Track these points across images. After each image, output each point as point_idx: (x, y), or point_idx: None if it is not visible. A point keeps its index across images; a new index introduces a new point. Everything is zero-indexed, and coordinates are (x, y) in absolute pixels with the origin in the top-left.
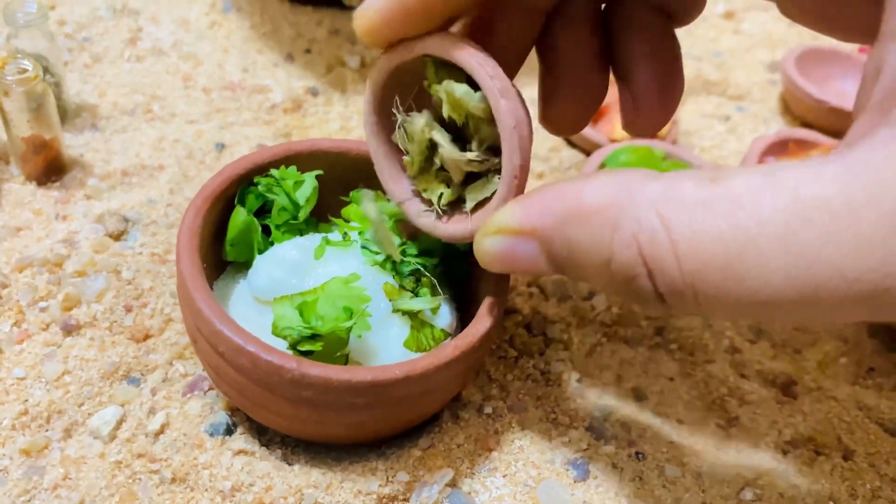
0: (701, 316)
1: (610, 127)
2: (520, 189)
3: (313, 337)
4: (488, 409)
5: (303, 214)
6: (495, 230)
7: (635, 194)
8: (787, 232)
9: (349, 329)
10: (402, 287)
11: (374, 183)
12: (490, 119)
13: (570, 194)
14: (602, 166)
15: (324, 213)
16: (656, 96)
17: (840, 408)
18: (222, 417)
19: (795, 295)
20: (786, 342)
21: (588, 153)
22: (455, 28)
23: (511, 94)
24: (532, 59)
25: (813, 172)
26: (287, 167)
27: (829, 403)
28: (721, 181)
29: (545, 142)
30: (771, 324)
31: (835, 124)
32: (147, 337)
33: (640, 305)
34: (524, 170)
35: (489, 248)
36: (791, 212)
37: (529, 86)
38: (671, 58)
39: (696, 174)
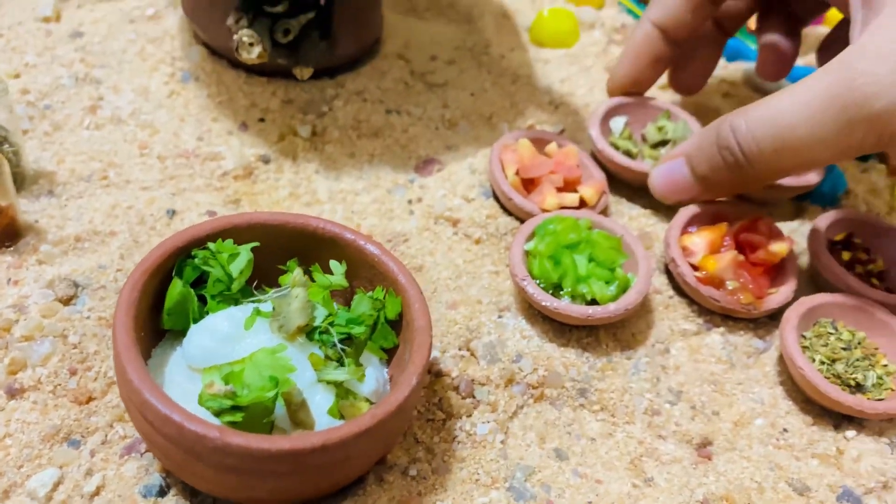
0: (757, 169)
1: (541, 198)
2: None
3: (235, 408)
4: (413, 472)
5: (236, 286)
6: (663, 161)
7: (729, 114)
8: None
9: (274, 398)
10: (327, 357)
11: (310, 252)
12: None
13: (700, 132)
14: (533, 234)
15: (265, 279)
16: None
17: (753, 468)
18: (156, 479)
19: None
20: (704, 404)
21: (522, 221)
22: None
23: None
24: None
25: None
26: (224, 240)
27: (743, 464)
28: (767, 99)
29: (482, 210)
30: (795, 167)
31: (759, 193)
32: (90, 400)
33: (728, 169)
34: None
35: (658, 171)
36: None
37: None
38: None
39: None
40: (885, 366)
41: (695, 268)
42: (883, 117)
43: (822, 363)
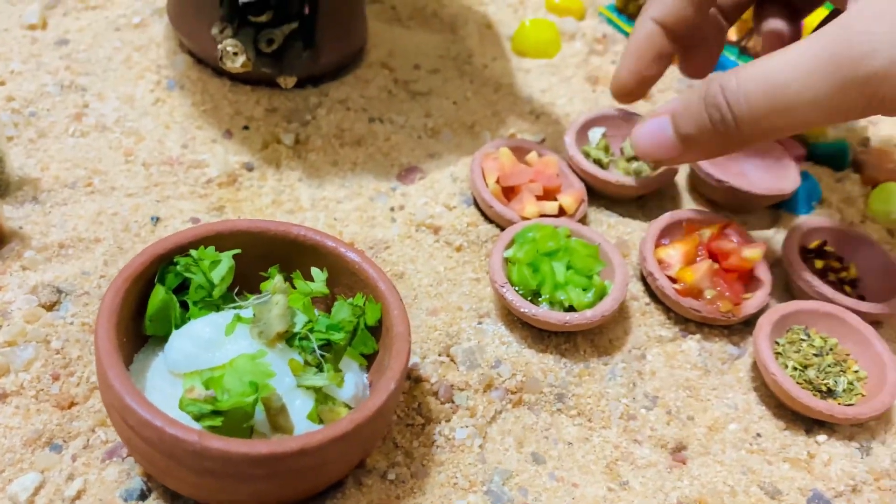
0: (745, 127)
1: (521, 206)
2: None
3: (215, 413)
4: (392, 476)
5: (217, 292)
6: (646, 118)
7: (719, 73)
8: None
9: (254, 402)
10: (307, 363)
11: (291, 259)
12: None
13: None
14: (513, 241)
15: (247, 285)
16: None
17: (726, 472)
18: (137, 483)
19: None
20: (680, 409)
21: (502, 228)
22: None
23: None
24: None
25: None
26: (206, 247)
27: (716, 468)
28: (759, 60)
29: (463, 217)
30: (786, 128)
31: (735, 202)
32: (72, 405)
33: (713, 128)
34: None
35: (641, 129)
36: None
37: None
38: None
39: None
40: (856, 371)
41: (672, 279)
42: (877, 75)
43: (795, 369)
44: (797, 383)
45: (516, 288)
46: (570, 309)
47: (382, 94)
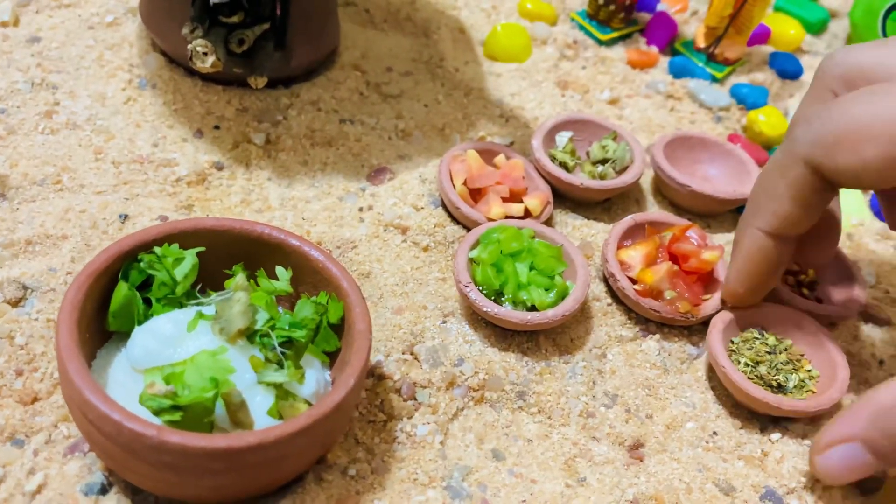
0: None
1: (487, 207)
2: None
3: (174, 408)
4: (352, 471)
5: (181, 289)
6: (825, 446)
7: None
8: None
9: (214, 398)
10: (267, 359)
11: (257, 258)
12: None
13: (870, 401)
14: (478, 242)
15: (212, 283)
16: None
17: (682, 469)
18: (98, 477)
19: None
20: (639, 407)
21: (468, 229)
22: None
23: None
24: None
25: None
26: (171, 244)
27: (673, 465)
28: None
29: (430, 218)
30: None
31: (698, 206)
32: (35, 400)
33: None
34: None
35: (825, 461)
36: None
37: None
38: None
39: None
40: (809, 371)
41: (633, 280)
42: None
43: (747, 365)
44: (748, 378)
45: (480, 288)
46: (533, 309)
47: (354, 95)
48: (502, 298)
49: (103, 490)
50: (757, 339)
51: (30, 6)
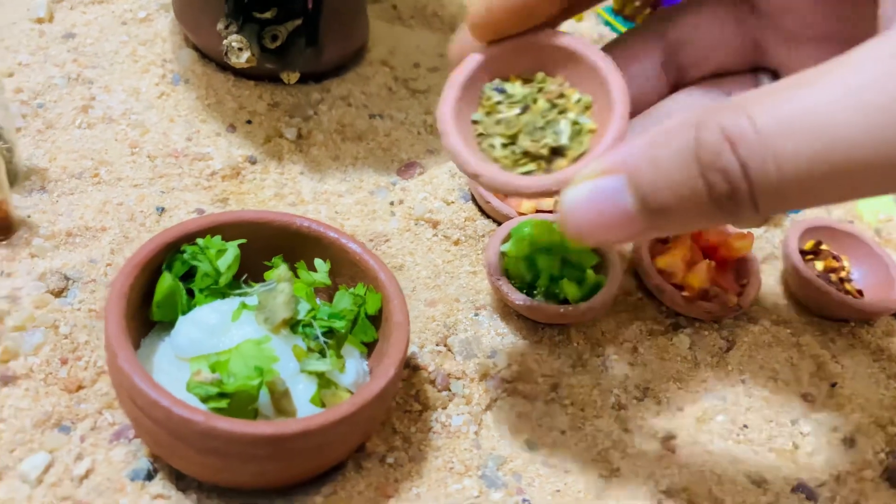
0: (774, 203)
1: (518, 201)
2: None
3: (221, 395)
4: (390, 460)
5: (223, 280)
6: (581, 178)
7: (714, 108)
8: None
9: (258, 386)
10: (309, 349)
11: (295, 250)
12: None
13: (651, 132)
14: (509, 236)
15: (251, 274)
16: None
17: (713, 461)
18: (144, 463)
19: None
20: (670, 400)
21: (499, 223)
22: None
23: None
24: None
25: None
26: (213, 236)
27: (704, 457)
28: (781, 88)
29: (461, 212)
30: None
31: None
32: (79, 388)
33: (725, 209)
34: (622, 138)
35: (575, 196)
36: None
37: None
38: None
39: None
40: (578, 101)
41: (677, 286)
42: None
43: (504, 146)
44: (522, 175)
45: (512, 281)
46: (564, 302)
47: (383, 91)
48: (534, 292)
49: (149, 476)
50: (498, 101)
51: (64, 2)
